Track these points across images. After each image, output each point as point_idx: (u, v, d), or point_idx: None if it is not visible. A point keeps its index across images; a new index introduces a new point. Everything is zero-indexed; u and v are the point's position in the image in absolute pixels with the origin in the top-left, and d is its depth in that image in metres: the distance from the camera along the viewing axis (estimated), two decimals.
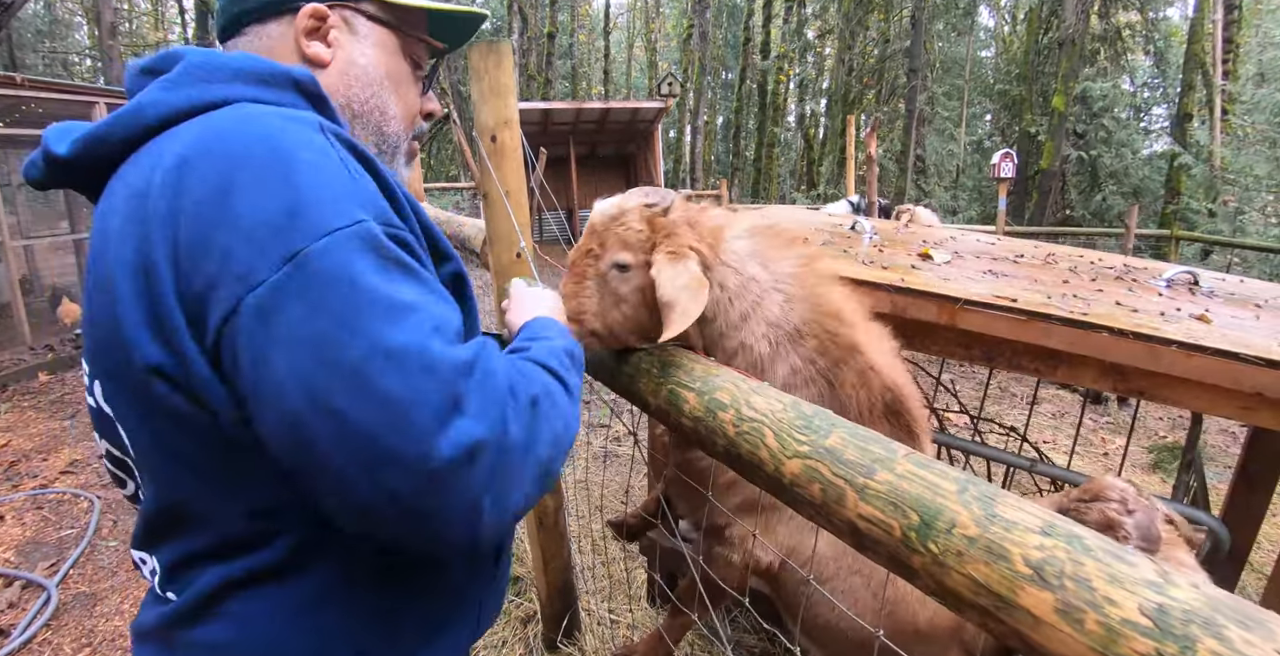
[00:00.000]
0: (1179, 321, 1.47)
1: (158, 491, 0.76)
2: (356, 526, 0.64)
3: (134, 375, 0.67)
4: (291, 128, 0.68)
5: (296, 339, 0.60)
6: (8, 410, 5.26)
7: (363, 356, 0.60)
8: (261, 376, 0.61)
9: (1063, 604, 0.58)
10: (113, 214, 0.70)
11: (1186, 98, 13.31)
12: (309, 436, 0.60)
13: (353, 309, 0.61)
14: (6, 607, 2.86)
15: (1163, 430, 5.65)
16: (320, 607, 0.75)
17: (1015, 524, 0.63)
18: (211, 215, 0.62)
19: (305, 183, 0.64)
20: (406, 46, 0.96)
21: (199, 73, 0.74)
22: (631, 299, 1.24)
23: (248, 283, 0.60)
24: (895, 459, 0.74)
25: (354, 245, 0.63)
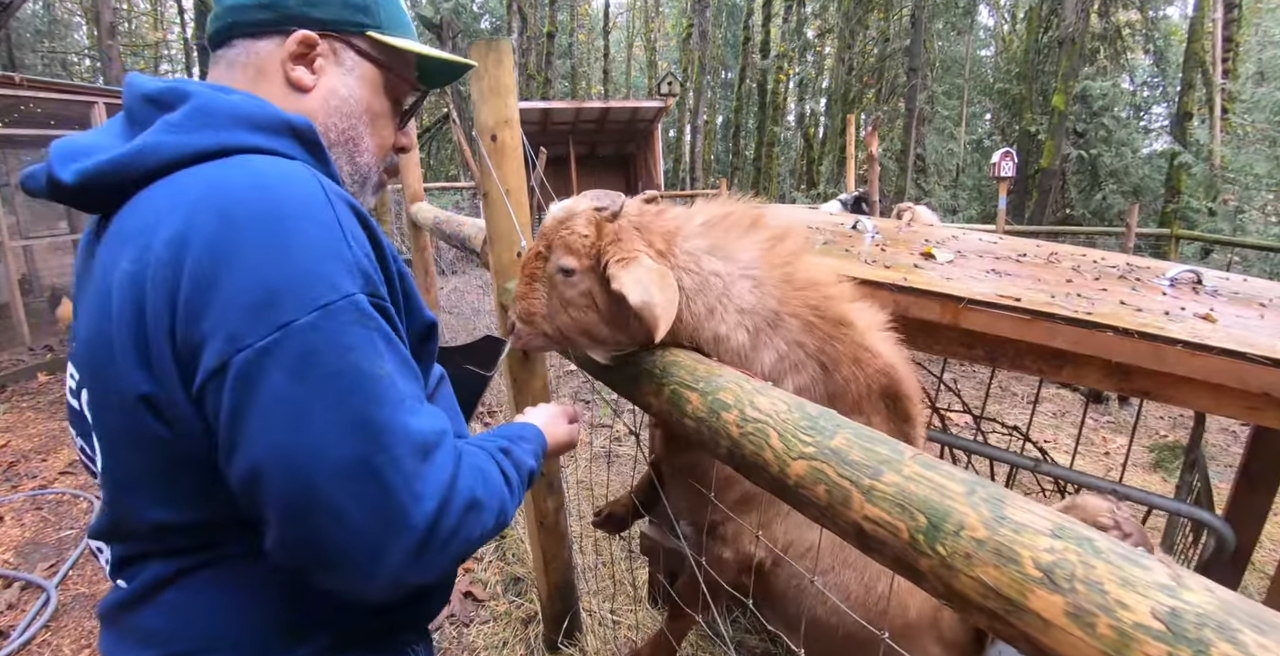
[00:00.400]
0: (1184, 321, 1.46)
1: (114, 499, 0.81)
2: (282, 560, 0.72)
3: (123, 398, 0.73)
4: (294, 190, 0.73)
5: (273, 403, 0.67)
6: (6, 411, 5.25)
7: (329, 426, 0.68)
8: (237, 431, 0.68)
9: (1074, 607, 0.57)
10: (117, 252, 0.74)
11: (1186, 96, 13.31)
12: (267, 488, 0.68)
13: (329, 382, 0.68)
14: (6, 609, 2.85)
15: (1163, 429, 5.65)
16: (249, 597, 0.80)
17: (1025, 526, 0.62)
18: (213, 275, 0.67)
19: (302, 253, 0.69)
20: (390, 84, 0.98)
21: (201, 118, 0.77)
22: (578, 302, 1.24)
23: (237, 344, 0.66)
24: (902, 460, 0.73)
25: (341, 320, 0.69)
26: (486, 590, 2.94)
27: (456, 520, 0.74)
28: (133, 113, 0.81)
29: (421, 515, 0.71)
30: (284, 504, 0.68)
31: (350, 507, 0.68)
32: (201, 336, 0.67)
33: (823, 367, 1.29)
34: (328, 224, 0.72)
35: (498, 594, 2.91)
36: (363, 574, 0.70)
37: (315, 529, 0.68)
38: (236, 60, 0.89)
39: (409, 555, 0.71)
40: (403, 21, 0.99)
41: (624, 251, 1.18)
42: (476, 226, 2.65)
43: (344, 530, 0.68)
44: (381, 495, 0.69)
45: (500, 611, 2.79)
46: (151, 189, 0.75)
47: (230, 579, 0.79)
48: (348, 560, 0.69)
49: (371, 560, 0.69)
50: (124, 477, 0.79)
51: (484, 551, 3.22)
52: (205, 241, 0.68)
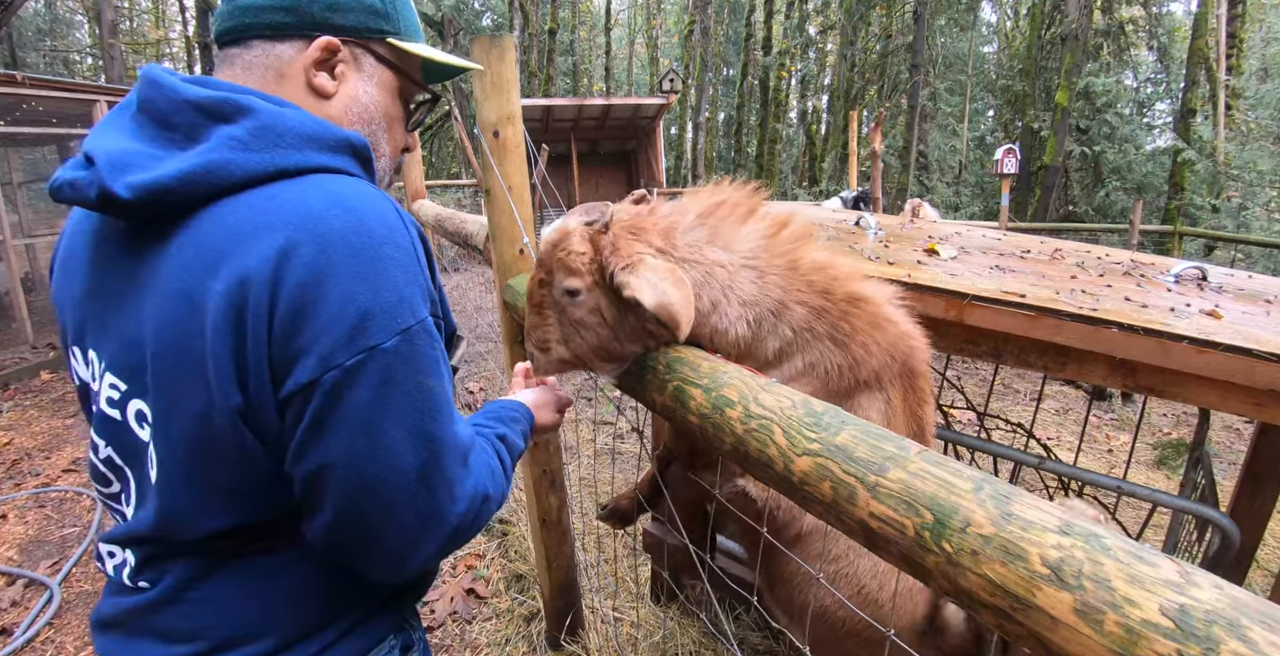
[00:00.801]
0: (1189, 317, 1.46)
1: (167, 509, 0.81)
2: (323, 546, 0.81)
3: (211, 412, 0.75)
4: (377, 215, 0.77)
5: (353, 416, 0.74)
6: (10, 408, 5.26)
7: (397, 437, 0.76)
8: (316, 436, 0.74)
9: (1081, 604, 0.57)
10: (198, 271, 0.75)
11: (1190, 93, 13.25)
12: (332, 487, 0.76)
13: (402, 399, 0.76)
14: (9, 606, 2.86)
15: (1167, 426, 5.64)
16: (279, 585, 0.85)
17: (1032, 523, 0.62)
18: (310, 298, 0.72)
19: (389, 280, 0.75)
20: (404, 89, 1.01)
21: (271, 136, 0.78)
22: (589, 321, 1.23)
23: (329, 363, 0.73)
24: (908, 456, 0.73)
25: (417, 343, 0.77)
26: (489, 587, 2.94)
27: (475, 514, 0.85)
28: (169, 118, 0.79)
29: (455, 514, 0.81)
30: (346, 502, 0.76)
31: (402, 508, 0.77)
32: (296, 352, 0.73)
33: (835, 342, 1.26)
34: (407, 250, 0.78)
35: (500, 591, 2.91)
36: (399, 562, 0.80)
37: (368, 524, 0.77)
38: (255, 62, 0.88)
39: (439, 547, 0.82)
40: (416, 26, 1.01)
41: (626, 257, 1.17)
42: (479, 223, 2.65)
43: (392, 527, 0.78)
44: (429, 498, 0.79)
45: (503, 608, 2.79)
46: (221, 206, 0.76)
47: (259, 569, 0.84)
48: (390, 552, 0.79)
49: (410, 551, 0.80)
50: (191, 488, 0.80)
51: (486, 548, 3.22)
52: (303, 265, 0.72)
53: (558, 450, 2.34)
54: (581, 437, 4.27)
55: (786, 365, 1.28)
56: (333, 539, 0.79)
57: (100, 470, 0.91)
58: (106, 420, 0.86)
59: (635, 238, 1.21)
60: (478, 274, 8.47)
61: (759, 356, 1.27)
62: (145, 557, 0.86)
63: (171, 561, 0.84)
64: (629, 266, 1.15)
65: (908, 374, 1.31)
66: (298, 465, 0.76)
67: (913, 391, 1.32)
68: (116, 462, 0.88)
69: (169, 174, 0.74)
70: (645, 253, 1.18)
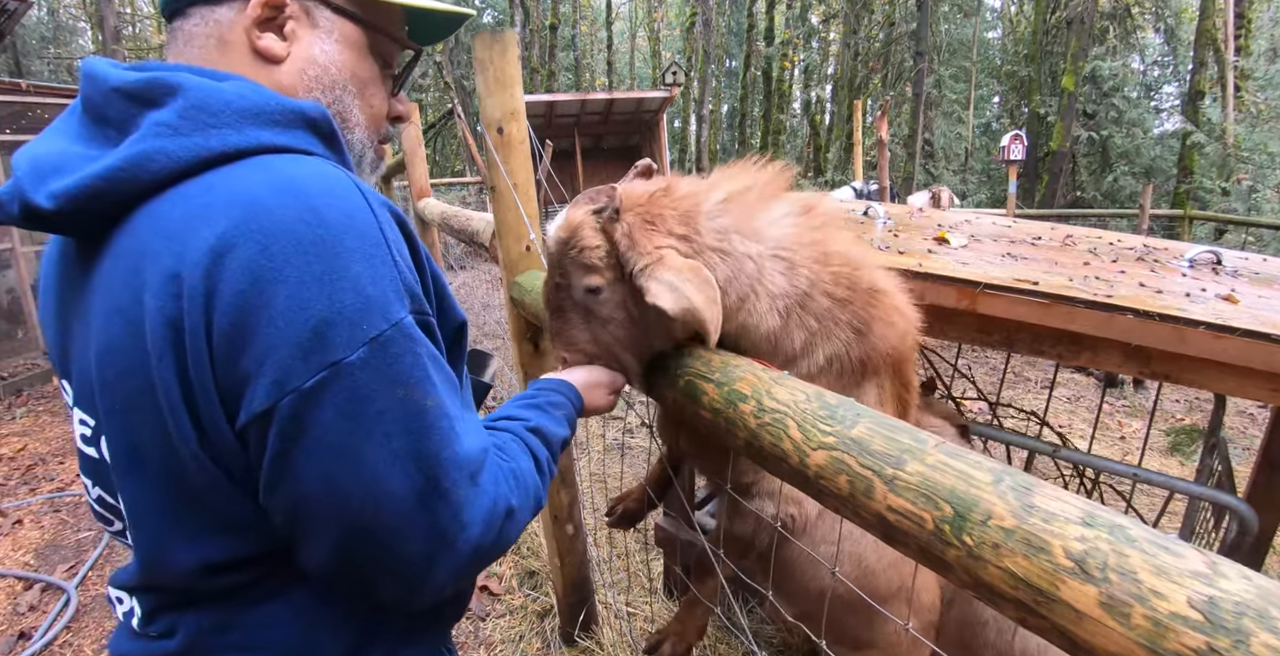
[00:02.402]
0: (1205, 302, 1.44)
1: (152, 546, 0.74)
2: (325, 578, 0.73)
3: (167, 444, 0.67)
4: (333, 199, 0.65)
5: (322, 444, 0.64)
6: (24, 415, 5.30)
7: (379, 464, 0.66)
8: (283, 470, 0.65)
9: (1107, 597, 0.56)
10: (134, 284, 0.65)
11: (1198, 75, 13.11)
12: (314, 521, 0.67)
13: (379, 420, 0.65)
14: (28, 610, 2.88)
15: (1179, 412, 5.60)
16: (304, 621, 0.77)
17: (1054, 515, 0.61)
18: (251, 308, 0.61)
19: (349, 280, 0.64)
20: (377, 44, 0.86)
21: (201, 116, 0.67)
22: (616, 317, 1.16)
23: (283, 388, 0.62)
24: (925, 449, 0.71)
25: (390, 352, 0.66)
26: (502, 584, 2.95)
27: (497, 533, 0.74)
28: (101, 110, 0.70)
29: (467, 541, 0.71)
30: (333, 539, 0.67)
31: (400, 539, 0.67)
32: (243, 376, 0.62)
33: (857, 332, 1.22)
34: (373, 240, 0.66)
35: (513, 587, 2.92)
36: (411, 593, 0.71)
37: (365, 560, 0.68)
38: (195, 32, 0.77)
39: (455, 574, 0.71)
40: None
41: (645, 254, 1.06)
42: (484, 221, 2.64)
43: (394, 560, 0.68)
44: (431, 526, 0.68)
45: (516, 605, 2.80)
46: (156, 204, 0.66)
47: (285, 611, 0.76)
48: (396, 584, 0.70)
49: (421, 581, 0.70)
50: (164, 523, 0.72)
51: None
52: (241, 268, 0.61)
53: (568, 446, 2.34)
54: (591, 433, 4.27)
55: (808, 360, 1.23)
56: (331, 573, 0.70)
57: (98, 511, 0.83)
58: (86, 459, 0.78)
59: (652, 227, 1.10)
60: (484, 271, 8.46)
61: (785, 350, 1.21)
62: (152, 607, 0.77)
63: (184, 611, 0.75)
64: (649, 267, 1.05)
65: (899, 361, 1.30)
66: (271, 500, 0.67)
67: (900, 376, 1.32)
68: (109, 501, 0.79)
69: (92, 174, 0.64)
70: (665, 246, 1.08)
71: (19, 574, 3.13)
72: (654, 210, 1.12)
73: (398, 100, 0.93)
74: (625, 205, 1.12)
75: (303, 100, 0.75)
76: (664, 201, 1.13)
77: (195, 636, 0.75)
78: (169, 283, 0.62)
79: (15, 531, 3.54)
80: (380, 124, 0.91)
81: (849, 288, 1.21)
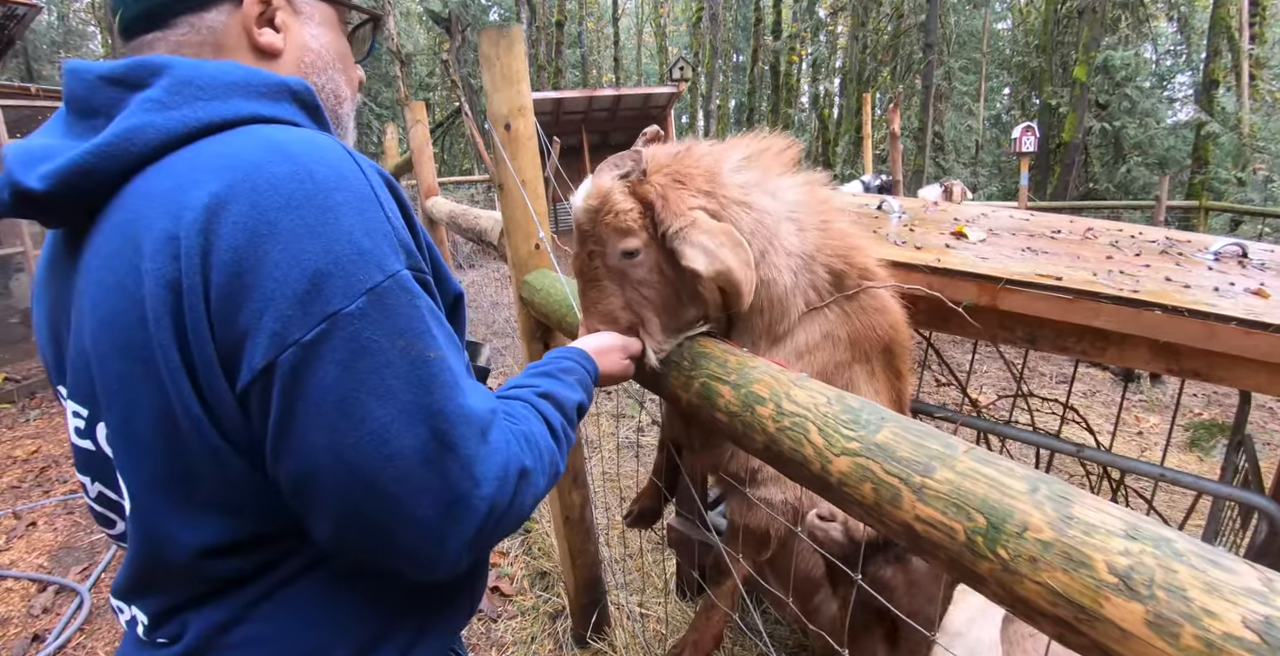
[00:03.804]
0: (1234, 297, 1.39)
1: (152, 537, 0.72)
2: (335, 552, 0.72)
3: (169, 415, 0.66)
4: (324, 161, 0.66)
5: (325, 400, 0.63)
6: (37, 417, 5.32)
7: (386, 419, 0.64)
8: (288, 431, 0.64)
9: (1154, 615, 0.52)
10: (127, 252, 0.65)
11: (1212, 63, 12.91)
12: (323, 488, 0.65)
13: (382, 373, 0.64)
14: (41, 613, 2.89)
15: (1198, 407, 5.52)
16: (317, 613, 0.75)
17: (1096, 527, 0.58)
18: (248, 263, 0.61)
19: (344, 232, 0.64)
20: (343, 18, 0.89)
21: (191, 90, 0.68)
22: (651, 279, 1.16)
23: (283, 341, 0.61)
24: (955, 455, 0.68)
25: (389, 302, 0.65)
26: (513, 585, 2.93)
27: (512, 494, 0.72)
28: (88, 101, 0.70)
29: (482, 498, 0.69)
30: (343, 503, 0.65)
31: (412, 500, 0.66)
32: (241, 331, 0.62)
33: (845, 313, 1.26)
34: (365, 197, 0.67)
35: (524, 588, 2.90)
36: (428, 559, 0.69)
37: (374, 524, 0.66)
38: (184, 41, 0.77)
39: (471, 536, 0.69)
40: None
41: (679, 218, 1.08)
42: (493, 219, 2.62)
43: (407, 522, 0.66)
44: (443, 484, 0.67)
45: (527, 606, 2.78)
46: (145, 177, 0.66)
47: (294, 608, 0.74)
48: (412, 549, 0.68)
49: (437, 546, 0.68)
50: (165, 502, 0.70)
51: (510, 546, 3.21)
52: (235, 224, 0.61)
53: (579, 446, 2.31)
54: (603, 432, 4.24)
55: (805, 333, 1.25)
56: (342, 545, 0.69)
57: (98, 511, 0.82)
58: (83, 454, 0.77)
59: (682, 186, 1.12)
60: (492, 270, 8.46)
61: (790, 315, 1.23)
62: (157, 611, 0.75)
63: (192, 610, 0.73)
64: (681, 230, 1.06)
65: (890, 347, 1.31)
66: (278, 467, 0.66)
67: (890, 368, 1.34)
68: (110, 497, 0.79)
69: (82, 151, 0.65)
70: (696, 207, 1.09)
71: (33, 576, 3.14)
72: (681, 170, 1.14)
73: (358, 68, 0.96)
74: (652, 167, 1.14)
75: (285, 76, 0.76)
76: (688, 161, 1.16)
77: (205, 636, 0.72)
78: (166, 244, 0.63)
79: (29, 533, 3.55)
80: (355, 92, 0.94)
81: (845, 262, 1.24)
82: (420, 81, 22.71)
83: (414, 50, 23.80)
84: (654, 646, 2.42)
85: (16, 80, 13.08)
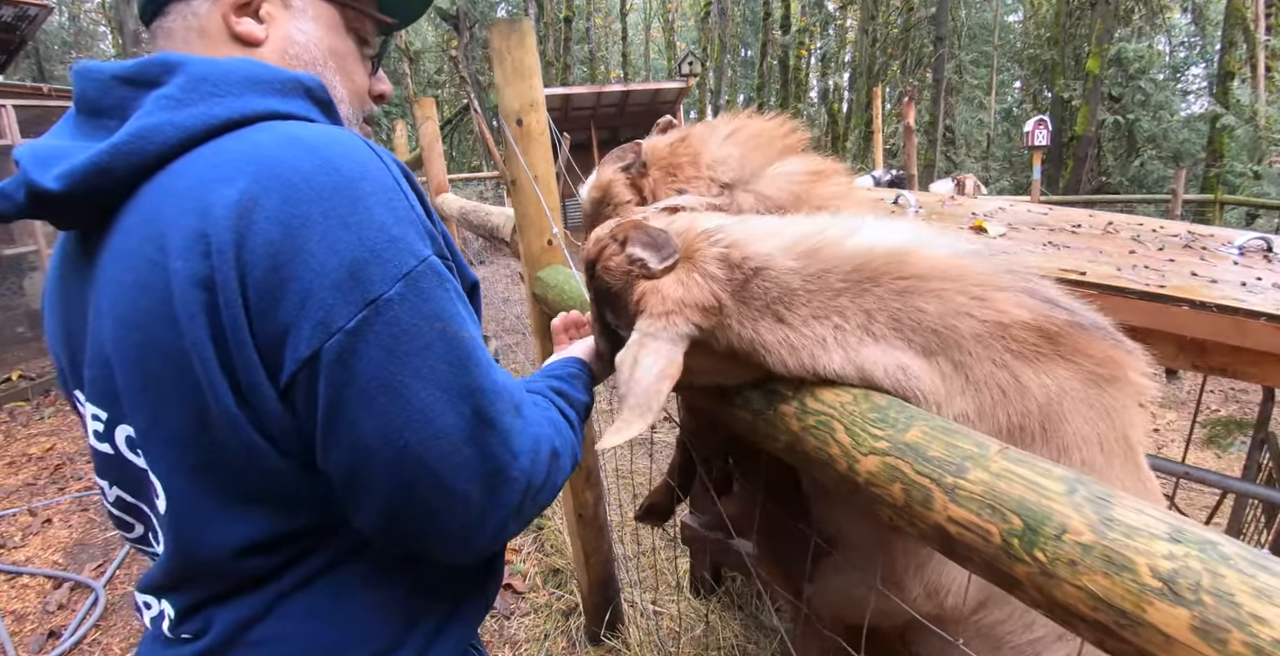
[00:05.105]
0: (1263, 292, 1.36)
1: (187, 537, 0.72)
2: (383, 536, 0.71)
3: (201, 413, 0.66)
4: (345, 152, 0.67)
5: (372, 385, 0.64)
6: (52, 415, 5.36)
7: (430, 399, 0.66)
8: (337, 418, 0.65)
9: (1200, 621, 0.51)
10: (150, 252, 0.64)
11: (1227, 55, 12.76)
12: (374, 471, 0.66)
13: (424, 355, 0.66)
14: (57, 609, 2.90)
15: (1215, 404, 5.46)
16: (337, 612, 0.75)
17: (1137, 529, 0.56)
18: (285, 256, 0.62)
19: (373, 220, 0.65)
20: (351, 21, 0.89)
21: (206, 86, 0.68)
22: None
23: (328, 329, 0.62)
24: (989, 455, 0.66)
25: (423, 286, 0.66)
26: (526, 582, 2.92)
27: (545, 470, 0.75)
28: (98, 102, 0.70)
29: (520, 470, 0.71)
30: (394, 485, 0.66)
31: (457, 475, 0.67)
32: (284, 323, 0.62)
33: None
34: (390, 186, 0.68)
35: (537, 586, 2.89)
36: (470, 536, 0.71)
37: (423, 504, 0.67)
38: (174, 28, 0.78)
39: (512, 510, 0.72)
40: None
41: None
42: (504, 215, 2.61)
43: (452, 498, 0.68)
44: (483, 458, 0.69)
45: (540, 603, 2.77)
46: (164, 176, 0.66)
47: (318, 603, 0.74)
48: (456, 526, 0.69)
49: (479, 521, 0.70)
50: (199, 501, 0.70)
51: (522, 543, 3.20)
52: (268, 219, 0.62)
53: (592, 443, 2.30)
54: None
55: None
56: (389, 529, 0.69)
57: (117, 515, 0.82)
58: (102, 457, 0.77)
59: (673, 178, 1.16)
60: (503, 266, 8.48)
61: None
62: (185, 606, 0.75)
63: (220, 604, 0.74)
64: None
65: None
66: (329, 458, 0.66)
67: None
68: (128, 501, 0.79)
69: (99, 150, 0.64)
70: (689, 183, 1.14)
71: (48, 573, 3.16)
72: (674, 161, 1.18)
73: (378, 79, 0.96)
74: (651, 159, 1.18)
75: (299, 72, 0.76)
76: (681, 150, 1.19)
77: (228, 632, 0.73)
78: (196, 242, 0.62)
79: (45, 530, 3.57)
80: (364, 100, 0.93)
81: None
82: (428, 78, 22.74)
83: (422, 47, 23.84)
84: (667, 644, 2.41)
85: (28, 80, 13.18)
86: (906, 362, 0.83)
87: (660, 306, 0.86)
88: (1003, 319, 0.83)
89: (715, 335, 0.86)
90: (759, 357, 0.85)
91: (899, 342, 0.83)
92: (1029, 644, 0.98)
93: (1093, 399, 0.86)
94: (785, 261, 0.85)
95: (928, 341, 0.83)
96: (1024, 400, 0.83)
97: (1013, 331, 0.83)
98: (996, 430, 0.83)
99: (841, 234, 0.87)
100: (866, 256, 0.85)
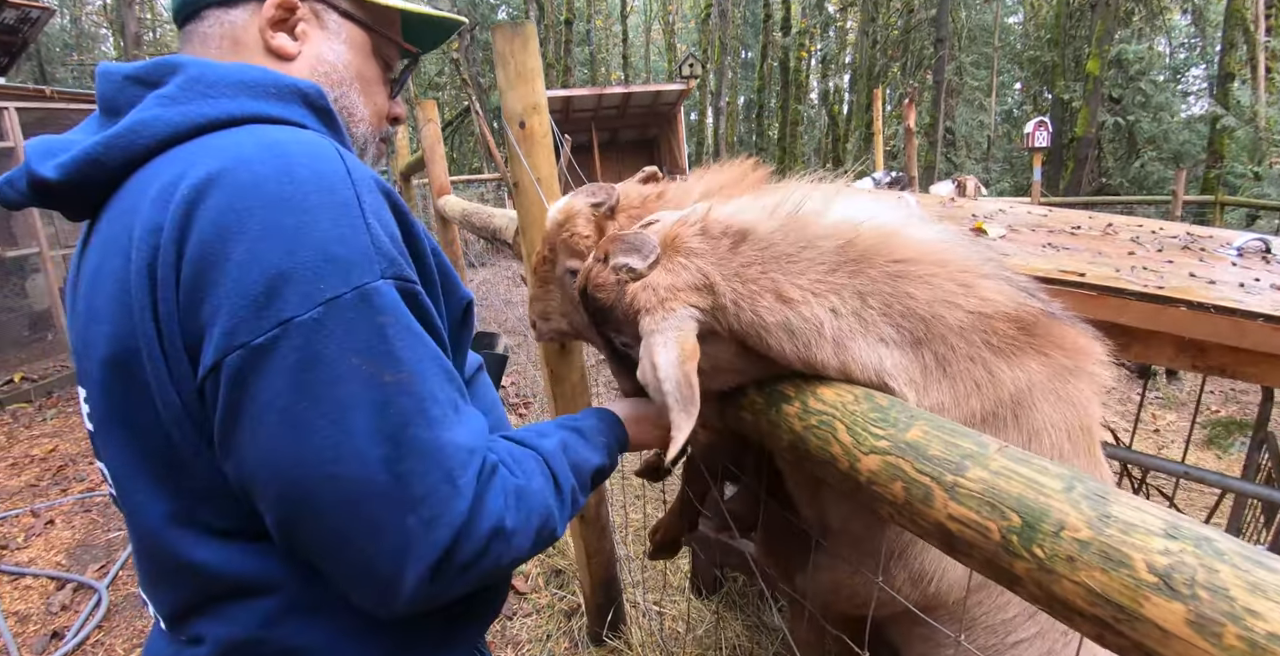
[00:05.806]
0: (1261, 293, 1.37)
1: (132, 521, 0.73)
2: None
3: (149, 407, 0.66)
4: (313, 162, 0.66)
5: (267, 411, 0.61)
6: (54, 416, 5.38)
7: (330, 441, 0.61)
8: (229, 435, 0.63)
9: (1196, 615, 0.52)
10: (122, 241, 0.66)
11: (1227, 56, 12.76)
12: (262, 497, 0.64)
13: (331, 390, 0.61)
14: (60, 610, 2.91)
15: (1215, 404, 5.47)
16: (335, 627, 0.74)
17: (1134, 525, 0.57)
18: (213, 258, 0.61)
19: (312, 236, 0.62)
20: (379, 47, 0.91)
21: (200, 87, 0.70)
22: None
23: (232, 341, 0.60)
24: (988, 453, 0.67)
25: (348, 316, 0.62)
26: (528, 583, 2.93)
27: (478, 548, 0.66)
28: (113, 101, 0.73)
29: (432, 545, 0.63)
30: (281, 514, 0.63)
31: (354, 530, 0.62)
32: (201, 326, 0.61)
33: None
34: (344, 202, 0.65)
35: (539, 586, 2.90)
36: (378, 597, 0.65)
37: (316, 546, 0.65)
38: (210, 33, 0.81)
39: (423, 581, 0.64)
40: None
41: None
42: (507, 217, 2.62)
43: (347, 551, 0.63)
44: (390, 518, 0.62)
45: (543, 604, 2.78)
46: (148, 169, 0.68)
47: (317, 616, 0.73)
48: (358, 582, 0.65)
49: (383, 584, 0.64)
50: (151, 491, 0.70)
51: None
52: (208, 217, 0.61)
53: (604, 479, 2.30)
54: None
55: None
56: (297, 554, 0.66)
57: (115, 494, 0.81)
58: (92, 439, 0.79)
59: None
60: (504, 268, 8.49)
61: None
62: (171, 613, 0.75)
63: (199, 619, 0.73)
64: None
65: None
66: (225, 464, 0.65)
67: None
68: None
69: (94, 141, 0.68)
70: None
71: (51, 573, 3.17)
72: (644, 213, 1.19)
73: (394, 103, 0.98)
74: (621, 205, 1.20)
75: (298, 78, 0.78)
76: (653, 205, 1.21)
77: (225, 648, 0.72)
78: (151, 234, 0.63)
79: (47, 531, 3.59)
80: (381, 122, 0.96)
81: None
82: (429, 80, 22.75)
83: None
84: (669, 644, 2.42)
85: (30, 82, 13.23)
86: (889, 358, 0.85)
87: (653, 298, 0.86)
88: (985, 309, 0.85)
89: (718, 318, 0.87)
90: (762, 343, 0.86)
91: (888, 329, 0.84)
92: (1002, 624, 1.01)
93: (1059, 390, 0.89)
94: (767, 222, 0.87)
95: (915, 329, 0.84)
96: (997, 390, 0.86)
97: (994, 323, 0.85)
98: (969, 416, 0.86)
99: (817, 207, 0.89)
100: (853, 232, 0.85)
